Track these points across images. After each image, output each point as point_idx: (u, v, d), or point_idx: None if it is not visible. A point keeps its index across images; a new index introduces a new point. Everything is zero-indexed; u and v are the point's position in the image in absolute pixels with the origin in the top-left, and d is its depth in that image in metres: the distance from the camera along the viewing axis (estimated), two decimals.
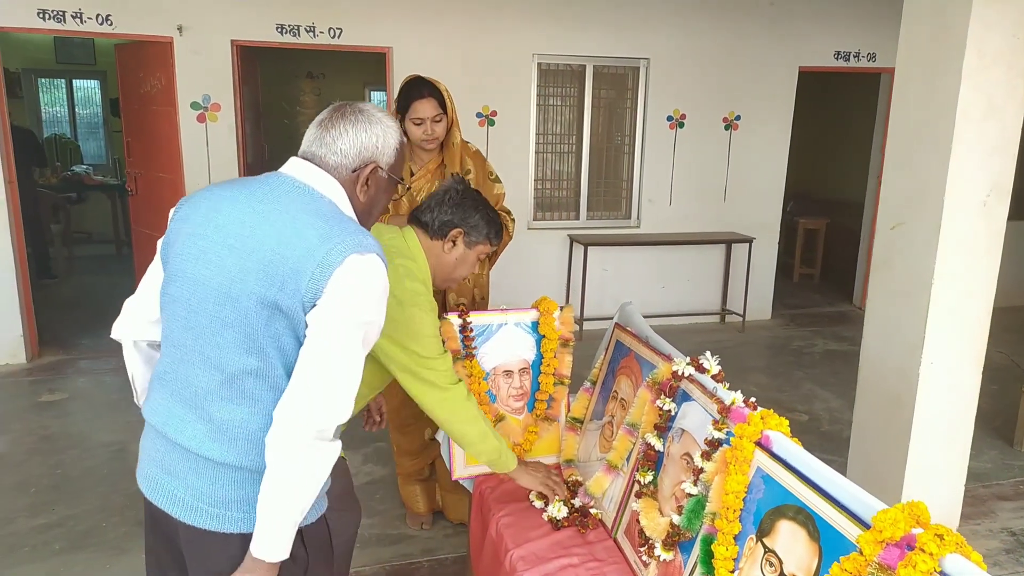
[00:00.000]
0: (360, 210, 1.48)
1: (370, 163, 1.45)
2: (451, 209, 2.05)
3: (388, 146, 1.48)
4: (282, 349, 1.31)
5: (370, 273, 1.31)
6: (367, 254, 1.31)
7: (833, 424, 4.26)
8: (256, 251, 1.30)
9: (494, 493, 2.36)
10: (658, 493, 1.96)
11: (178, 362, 1.40)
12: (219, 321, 1.32)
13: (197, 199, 1.45)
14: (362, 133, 1.45)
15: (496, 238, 2.11)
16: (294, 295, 1.28)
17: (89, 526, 3.06)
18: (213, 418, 1.34)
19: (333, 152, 1.43)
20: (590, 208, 6.08)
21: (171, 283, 1.41)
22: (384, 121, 1.48)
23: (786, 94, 6.12)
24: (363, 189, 1.46)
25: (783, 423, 1.64)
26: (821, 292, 7.49)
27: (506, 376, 2.49)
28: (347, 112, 1.46)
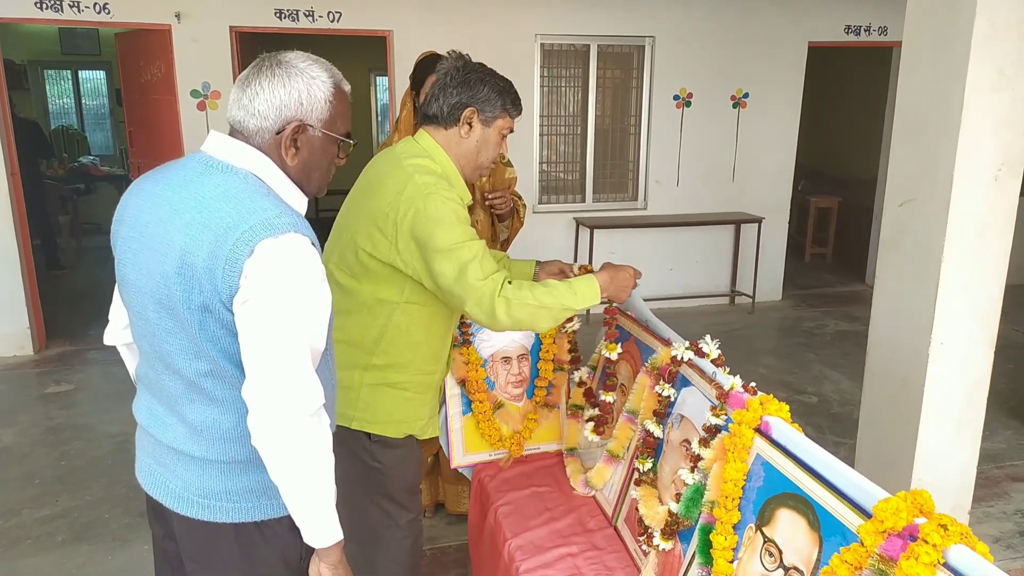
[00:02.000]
0: (296, 176, 1.34)
1: (293, 122, 1.29)
2: (456, 90, 1.81)
3: (315, 100, 1.31)
4: (225, 349, 1.25)
5: (288, 256, 1.21)
6: (281, 235, 1.20)
7: (843, 406, 4.19)
8: (170, 251, 1.22)
9: (493, 481, 2.32)
10: (657, 481, 1.91)
11: (147, 366, 1.38)
12: (162, 329, 1.28)
13: (128, 195, 1.37)
14: (279, 89, 1.28)
15: (515, 107, 1.86)
16: (212, 295, 1.20)
17: (92, 517, 3.06)
18: (187, 420, 1.32)
19: (251, 115, 1.28)
20: (596, 191, 6.00)
21: (120, 288, 1.37)
22: (308, 71, 1.31)
23: (795, 70, 6.00)
24: (290, 152, 1.31)
25: (783, 408, 1.59)
26: (833, 272, 7.38)
27: (504, 363, 2.45)
28: (264, 66, 1.30)
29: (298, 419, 1.22)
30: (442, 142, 1.85)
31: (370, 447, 1.86)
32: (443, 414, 2.43)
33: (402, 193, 1.71)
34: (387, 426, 1.86)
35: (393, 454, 1.89)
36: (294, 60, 1.32)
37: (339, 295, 1.74)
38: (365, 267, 1.77)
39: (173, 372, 1.30)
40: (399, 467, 1.91)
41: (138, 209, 1.31)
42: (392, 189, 1.74)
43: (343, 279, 1.80)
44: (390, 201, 1.72)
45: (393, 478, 1.91)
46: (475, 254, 1.70)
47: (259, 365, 1.20)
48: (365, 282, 1.78)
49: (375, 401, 1.83)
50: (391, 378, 1.84)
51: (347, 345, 1.80)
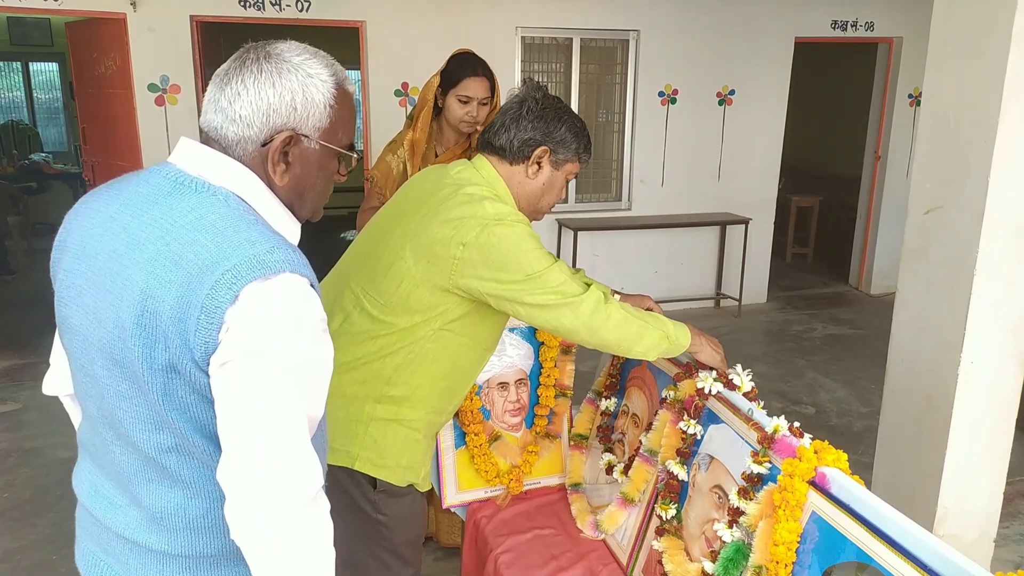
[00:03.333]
0: (286, 197, 1.08)
1: (282, 131, 1.03)
2: (532, 124, 1.63)
3: (312, 103, 1.03)
4: (195, 419, 0.98)
5: (282, 304, 0.94)
6: (273, 276, 0.93)
7: (842, 417, 4.03)
8: (127, 294, 0.94)
9: (490, 523, 2.09)
10: (683, 530, 1.70)
11: (92, 432, 1.09)
12: (113, 391, 0.99)
13: (75, 215, 1.08)
14: (267, 89, 1.01)
15: (586, 153, 1.73)
16: (182, 351, 0.93)
17: (37, 560, 2.75)
18: (143, 503, 1.03)
19: (231, 120, 1.01)
20: (579, 191, 5.78)
21: (62, 332, 1.08)
22: (305, 67, 1.03)
23: (782, 66, 5.84)
24: (278, 168, 1.04)
25: (841, 457, 1.37)
26: (815, 272, 7.26)
27: (501, 389, 2.21)
28: (249, 60, 1.02)
29: (292, 509, 0.94)
30: (505, 176, 1.66)
31: (374, 497, 1.61)
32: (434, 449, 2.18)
33: (471, 218, 1.51)
34: (394, 471, 1.61)
35: (398, 505, 1.65)
36: (287, 53, 1.03)
37: (365, 322, 1.55)
38: (407, 296, 1.54)
39: (127, 444, 1.02)
40: (405, 520, 1.68)
41: (86, 235, 1.03)
42: (456, 213, 1.53)
43: (374, 309, 1.56)
44: (455, 225, 1.51)
45: (397, 531, 1.67)
46: (566, 272, 1.56)
47: (242, 441, 0.93)
48: (402, 313, 1.55)
49: (384, 439, 1.59)
50: (404, 414, 1.60)
51: (362, 371, 1.57)
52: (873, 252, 6.45)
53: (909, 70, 6.10)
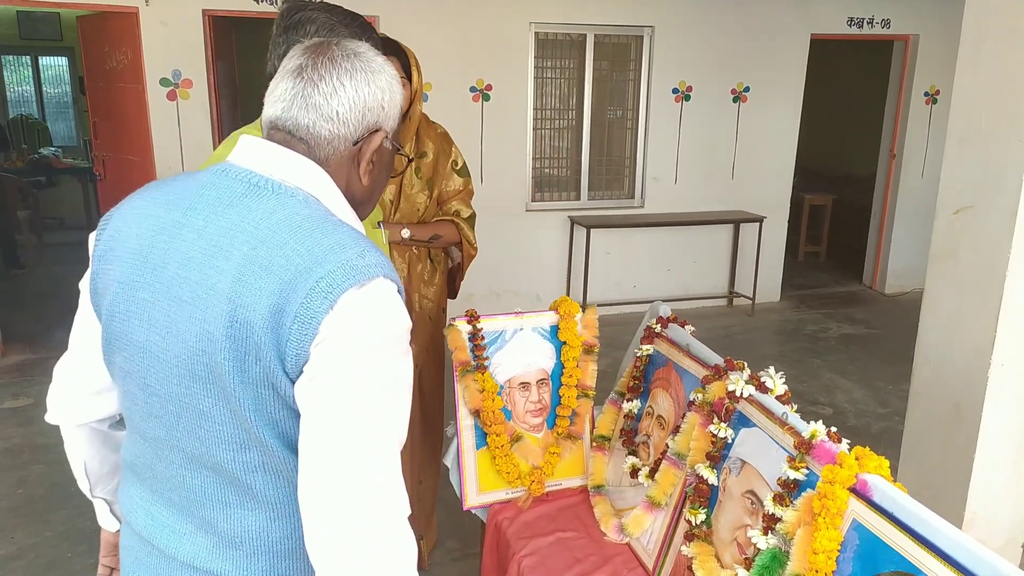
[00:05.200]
0: (361, 198, 1.05)
1: (376, 130, 1.01)
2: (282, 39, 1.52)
3: (395, 104, 1.03)
4: (283, 434, 0.92)
5: (375, 312, 0.89)
6: (368, 282, 0.88)
7: (860, 418, 3.99)
8: (213, 305, 0.88)
9: (512, 526, 2.05)
10: (713, 536, 1.66)
11: (152, 456, 1.01)
12: (191, 410, 0.93)
13: (120, 218, 1.01)
14: (363, 87, 0.98)
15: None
16: (275, 363, 0.87)
17: (52, 558, 2.74)
18: (219, 530, 0.97)
19: (327, 118, 0.97)
20: (591, 188, 5.74)
21: (115, 350, 1.00)
22: (387, 68, 1.02)
23: (797, 63, 5.79)
24: (368, 169, 1.02)
25: (883, 464, 1.34)
26: (828, 271, 7.21)
27: (522, 389, 2.18)
28: (338, 56, 0.99)
29: (380, 535, 0.87)
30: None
31: None
32: (454, 449, 2.16)
33: None
34: None
35: None
36: (369, 53, 1.01)
37: None
38: None
39: (201, 466, 0.96)
40: None
41: (146, 243, 0.96)
42: None
43: None
44: None
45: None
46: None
47: (333, 462, 0.86)
48: None
49: None
50: None
51: None
52: (888, 251, 6.40)
53: (925, 68, 6.04)
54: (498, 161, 5.37)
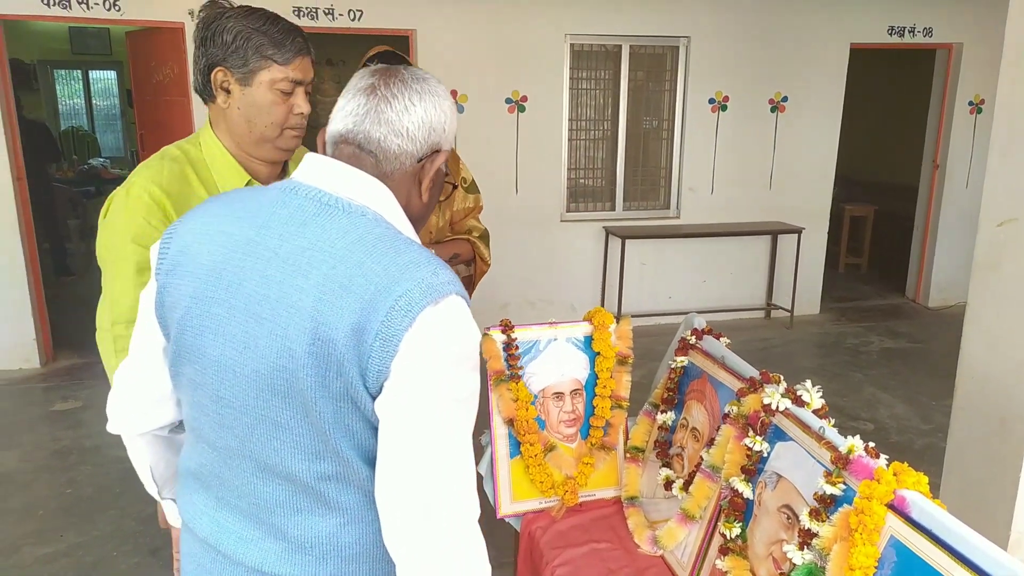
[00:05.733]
0: (418, 215, 1.09)
1: (439, 150, 1.07)
2: (200, 52, 1.44)
3: (452, 129, 1.10)
4: (360, 445, 0.96)
5: (452, 328, 0.92)
6: (442, 299, 0.91)
7: (902, 434, 3.91)
8: (293, 322, 0.91)
9: (545, 535, 2.06)
10: (748, 550, 1.65)
11: (220, 465, 1.05)
12: (267, 421, 0.96)
13: (187, 233, 1.05)
14: (432, 108, 1.04)
15: (277, 49, 1.43)
16: (355, 378, 0.91)
17: (99, 556, 2.82)
18: (289, 535, 1.00)
19: (397, 133, 1.02)
20: (626, 198, 5.74)
21: (185, 362, 1.03)
22: (447, 94, 1.09)
23: (837, 73, 5.72)
24: (428, 186, 1.08)
25: (921, 480, 1.32)
26: (870, 283, 7.09)
27: (556, 399, 2.19)
28: (408, 79, 1.05)
29: (460, 537, 0.94)
30: (212, 120, 1.53)
31: None
32: (488, 457, 2.17)
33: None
34: None
35: None
36: (432, 79, 1.08)
37: None
38: None
39: (274, 475, 0.99)
40: None
41: (219, 260, 0.99)
42: None
43: None
44: None
45: None
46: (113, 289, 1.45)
47: (412, 471, 0.91)
48: None
49: None
50: None
51: None
52: (931, 263, 6.27)
53: (969, 77, 5.92)
54: (533, 172, 5.40)
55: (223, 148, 1.51)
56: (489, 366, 2.14)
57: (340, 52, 8.94)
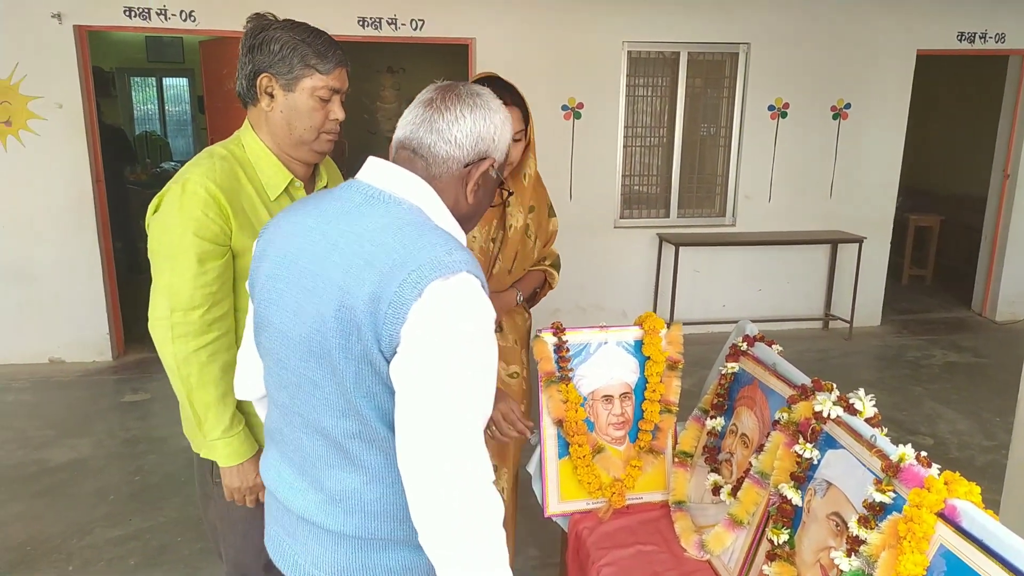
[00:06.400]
0: (465, 215, 1.22)
1: (486, 157, 1.19)
2: (248, 57, 1.55)
3: (504, 140, 1.21)
4: (379, 407, 1.09)
5: (458, 302, 1.03)
6: (452, 276, 1.03)
7: (963, 450, 3.80)
8: (327, 291, 1.07)
9: (592, 536, 2.09)
10: (796, 556, 1.65)
11: (281, 421, 1.23)
12: (308, 381, 1.12)
13: (274, 227, 1.24)
14: (480, 120, 1.17)
15: (321, 60, 1.54)
16: (372, 343, 1.03)
17: (164, 541, 2.96)
18: (325, 487, 1.16)
19: (446, 140, 1.15)
20: (681, 205, 5.71)
21: (260, 331, 1.22)
22: (502, 110, 1.22)
23: (902, 80, 5.59)
24: (474, 189, 1.19)
25: (973, 490, 1.31)
26: (934, 296, 6.87)
27: (605, 402, 2.22)
28: (463, 94, 1.18)
29: (470, 497, 1.02)
30: (253, 123, 1.63)
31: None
32: (537, 457, 2.21)
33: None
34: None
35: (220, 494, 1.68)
36: (489, 96, 1.20)
37: None
38: None
39: (314, 430, 1.14)
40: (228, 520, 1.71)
41: (287, 244, 1.17)
42: None
43: None
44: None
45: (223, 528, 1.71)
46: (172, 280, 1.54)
47: (421, 434, 1.01)
48: None
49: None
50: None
51: None
52: (999, 276, 6.05)
53: None
54: (587, 178, 5.43)
55: (266, 148, 1.62)
56: (540, 367, 2.19)
57: (399, 60, 9.12)
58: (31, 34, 4.57)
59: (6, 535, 2.99)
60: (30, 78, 4.63)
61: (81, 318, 4.92)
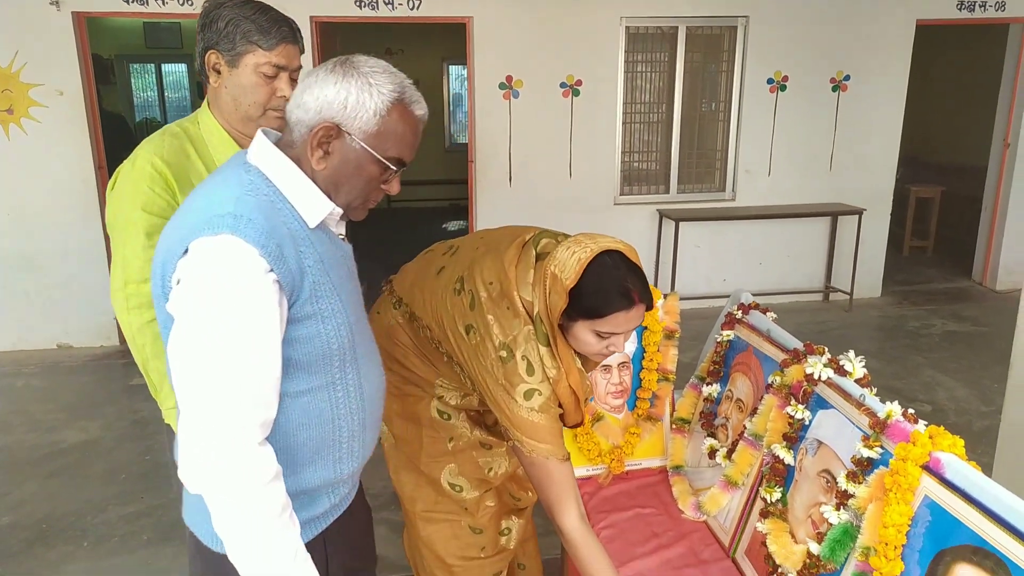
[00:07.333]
0: (323, 186, 1.20)
1: (327, 123, 1.15)
2: (199, 37, 1.60)
3: (363, 107, 1.15)
4: None
5: (212, 260, 1.07)
6: (217, 234, 1.07)
7: (961, 416, 3.84)
8: (158, 253, 1.18)
9: (592, 500, 2.14)
10: (788, 513, 1.70)
11: None
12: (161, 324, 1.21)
13: None
14: (329, 86, 1.15)
15: (263, 36, 1.56)
16: (163, 296, 1.15)
17: (176, 517, 2.98)
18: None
19: (297, 105, 1.18)
20: (681, 181, 5.72)
21: None
22: (370, 77, 1.16)
23: (902, 51, 5.56)
24: (315, 153, 1.17)
25: (957, 443, 1.35)
26: (935, 267, 6.88)
27: (604, 372, 2.26)
28: (331, 64, 1.19)
29: (217, 464, 1.06)
30: (210, 100, 1.68)
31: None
32: None
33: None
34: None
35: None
36: (362, 63, 1.18)
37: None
38: None
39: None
40: None
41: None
42: None
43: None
44: None
45: None
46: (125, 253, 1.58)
47: (180, 388, 1.08)
48: None
49: None
50: None
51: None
52: (1000, 245, 6.06)
53: None
54: (587, 156, 5.44)
55: (219, 125, 1.67)
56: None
57: (398, 41, 9.09)
58: (30, 21, 4.59)
59: (23, 514, 3.06)
60: (30, 66, 4.65)
61: (88, 304, 4.97)
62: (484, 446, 1.90)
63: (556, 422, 1.58)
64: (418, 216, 9.24)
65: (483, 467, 1.89)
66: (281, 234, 1.12)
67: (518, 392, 1.51)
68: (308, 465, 1.24)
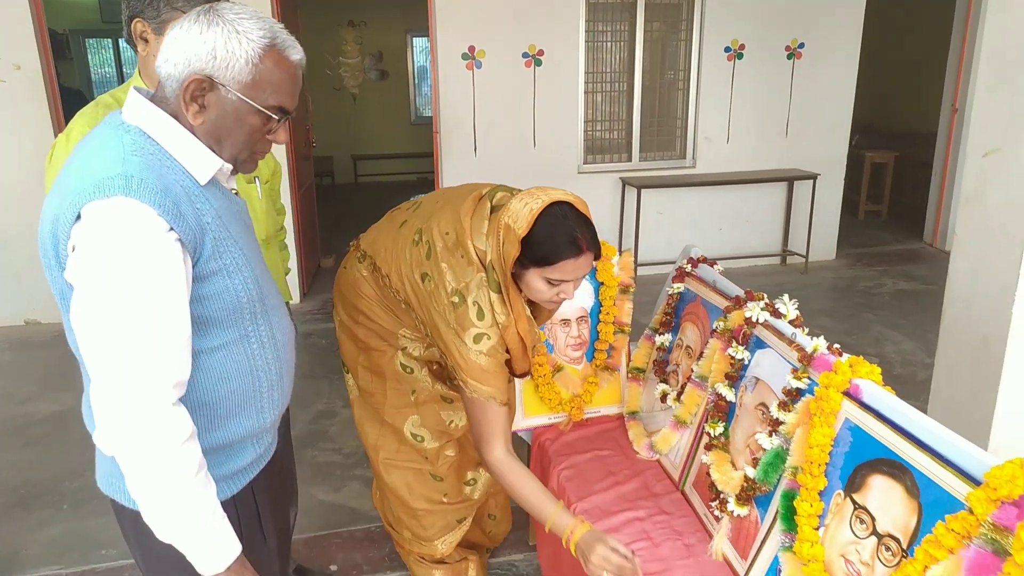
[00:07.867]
0: (205, 141, 1.17)
1: (197, 75, 1.12)
2: (124, 5, 1.61)
3: (233, 56, 1.12)
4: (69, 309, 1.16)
5: (107, 223, 1.04)
6: (109, 197, 1.03)
7: (905, 367, 4.05)
8: (44, 223, 1.13)
9: (553, 445, 2.28)
10: (730, 445, 1.84)
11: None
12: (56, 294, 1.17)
13: None
14: (193, 37, 1.11)
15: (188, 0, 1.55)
16: (60, 270, 1.10)
17: None
18: (85, 397, 1.26)
19: (165, 60, 1.13)
20: (643, 149, 5.84)
21: None
22: (236, 24, 1.12)
23: (854, 18, 5.71)
24: (190, 108, 1.14)
25: (874, 371, 1.50)
26: (889, 230, 7.13)
27: (563, 325, 2.38)
28: (196, 13, 1.14)
29: (131, 428, 1.05)
30: (141, 69, 1.70)
31: None
32: None
33: None
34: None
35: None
36: (226, 11, 1.13)
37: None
38: None
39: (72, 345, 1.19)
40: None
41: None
42: None
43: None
44: None
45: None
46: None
47: (89, 355, 1.06)
48: None
49: None
50: None
51: None
52: (948, 207, 6.30)
53: None
54: (550, 125, 5.53)
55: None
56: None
57: (361, 13, 9.04)
58: None
59: (1, 481, 3.11)
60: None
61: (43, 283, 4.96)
62: (446, 400, 2.02)
63: (502, 368, 1.69)
64: (385, 190, 9.27)
65: (444, 420, 2.02)
66: (176, 192, 1.10)
67: (468, 336, 1.62)
68: (232, 418, 1.26)
